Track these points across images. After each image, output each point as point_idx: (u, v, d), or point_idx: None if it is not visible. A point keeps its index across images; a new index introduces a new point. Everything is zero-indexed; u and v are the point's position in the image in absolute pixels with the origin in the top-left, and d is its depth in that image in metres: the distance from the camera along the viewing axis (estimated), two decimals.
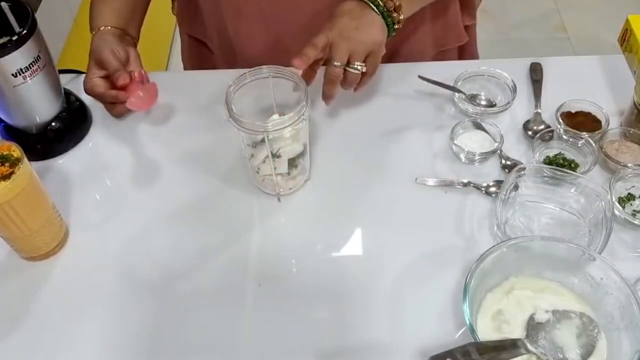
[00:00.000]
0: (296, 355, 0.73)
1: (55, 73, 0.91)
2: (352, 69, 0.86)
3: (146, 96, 0.91)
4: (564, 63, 1.05)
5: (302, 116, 0.76)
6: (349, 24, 0.85)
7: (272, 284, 0.78)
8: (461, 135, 0.92)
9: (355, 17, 0.87)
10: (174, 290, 0.78)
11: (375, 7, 0.87)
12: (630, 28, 0.97)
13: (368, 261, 0.80)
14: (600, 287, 0.70)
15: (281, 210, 0.86)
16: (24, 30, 0.81)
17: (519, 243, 0.72)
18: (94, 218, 0.86)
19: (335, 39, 0.85)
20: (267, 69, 0.80)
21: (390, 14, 0.88)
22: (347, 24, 0.85)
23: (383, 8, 0.87)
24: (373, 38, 0.86)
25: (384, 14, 0.87)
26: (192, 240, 0.83)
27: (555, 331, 0.68)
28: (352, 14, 0.87)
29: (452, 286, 0.77)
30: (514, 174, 0.82)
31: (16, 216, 0.74)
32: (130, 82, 0.90)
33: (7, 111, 0.90)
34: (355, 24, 0.86)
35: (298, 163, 0.83)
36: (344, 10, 0.87)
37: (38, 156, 0.92)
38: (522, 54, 1.06)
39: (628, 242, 0.81)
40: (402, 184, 0.87)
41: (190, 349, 0.73)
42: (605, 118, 0.91)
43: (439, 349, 0.64)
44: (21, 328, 0.76)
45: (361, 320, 0.75)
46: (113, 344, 0.74)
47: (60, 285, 0.80)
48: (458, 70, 0.99)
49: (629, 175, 0.85)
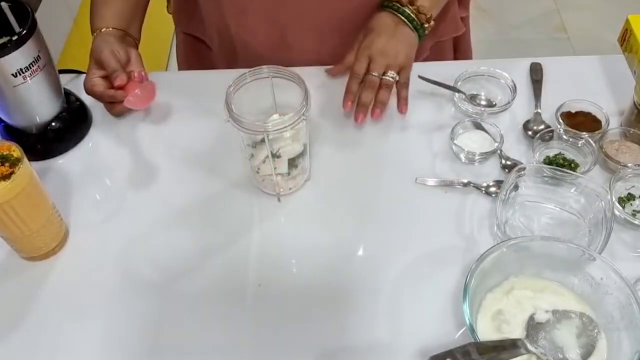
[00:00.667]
0: (296, 355, 0.73)
1: (55, 73, 0.91)
2: (387, 77, 0.93)
3: (144, 94, 0.91)
4: (564, 63, 1.05)
5: (302, 116, 0.76)
6: (386, 42, 0.94)
7: (272, 284, 0.78)
8: (461, 135, 0.92)
9: (391, 33, 0.95)
10: (174, 290, 0.78)
11: (410, 23, 0.95)
12: (630, 28, 0.97)
13: (368, 261, 0.80)
14: (600, 287, 0.70)
15: (281, 210, 0.86)
16: (24, 30, 0.81)
17: (519, 243, 0.72)
18: (94, 218, 0.86)
19: (374, 56, 0.93)
20: (267, 69, 0.80)
21: (422, 26, 0.96)
22: (384, 42, 0.94)
23: (417, 23, 0.95)
24: (407, 54, 0.94)
25: (417, 28, 0.95)
26: (192, 240, 0.83)
27: (555, 331, 0.68)
28: (388, 30, 0.95)
29: (452, 286, 0.77)
30: (514, 174, 0.82)
31: (16, 216, 0.74)
32: (129, 82, 0.90)
33: (7, 111, 0.90)
34: (392, 43, 0.94)
35: (298, 163, 0.83)
36: (380, 26, 0.95)
37: (38, 156, 0.92)
38: (522, 54, 1.06)
39: (628, 242, 0.81)
40: (402, 184, 0.87)
41: (190, 348, 0.73)
42: (605, 118, 0.91)
43: (439, 349, 0.64)
44: (21, 328, 0.76)
45: (361, 320, 0.75)
46: (113, 344, 0.74)
47: (60, 285, 0.79)
48: (458, 70, 0.99)
49: (629, 175, 0.85)
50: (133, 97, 0.90)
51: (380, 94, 0.93)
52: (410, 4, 0.96)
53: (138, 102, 0.91)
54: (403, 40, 0.95)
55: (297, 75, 0.79)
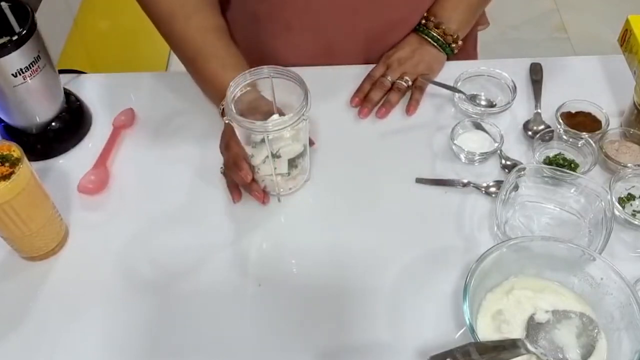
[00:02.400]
0: (296, 355, 0.73)
1: (55, 73, 0.91)
2: (401, 81, 0.96)
3: (97, 180, 0.89)
4: (564, 63, 1.05)
5: (302, 116, 0.76)
6: (407, 54, 0.98)
7: (272, 284, 0.78)
8: (461, 135, 0.92)
9: (414, 48, 0.99)
10: (174, 290, 0.78)
11: (435, 42, 0.99)
12: (630, 28, 0.97)
13: (368, 261, 0.80)
14: (600, 287, 0.70)
15: (281, 210, 0.86)
16: (24, 30, 0.81)
17: (519, 243, 0.72)
18: (94, 218, 0.86)
19: (392, 63, 0.97)
20: (267, 69, 0.80)
21: (449, 45, 0.99)
22: (405, 54, 0.98)
23: (442, 42, 0.98)
24: (428, 65, 0.99)
25: (443, 47, 0.98)
26: (192, 240, 0.83)
27: (555, 331, 0.68)
28: (412, 45, 1.00)
29: (452, 286, 0.77)
30: (514, 174, 0.82)
31: (16, 216, 0.74)
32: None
33: (7, 111, 0.90)
34: (413, 55, 0.98)
35: (298, 163, 0.83)
36: (405, 42, 1.00)
37: (38, 156, 0.92)
38: (522, 54, 1.06)
39: (628, 242, 0.81)
40: (402, 184, 0.88)
41: (190, 348, 0.73)
42: (605, 118, 0.91)
43: (439, 349, 0.64)
44: (21, 328, 0.76)
45: (361, 320, 0.75)
46: (113, 344, 0.74)
47: (60, 285, 0.79)
48: (458, 70, 0.99)
49: (629, 176, 0.85)
50: (86, 182, 0.88)
51: (390, 94, 0.96)
52: (436, 27, 0.99)
53: (92, 188, 0.88)
54: (426, 54, 0.99)
55: (297, 75, 0.79)
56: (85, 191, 0.88)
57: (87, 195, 0.88)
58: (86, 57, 1.91)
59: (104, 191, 0.89)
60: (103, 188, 0.89)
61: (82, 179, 0.89)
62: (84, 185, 0.88)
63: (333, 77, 1.02)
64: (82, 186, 0.88)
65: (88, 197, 0.88)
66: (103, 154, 0.92)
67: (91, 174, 0.90)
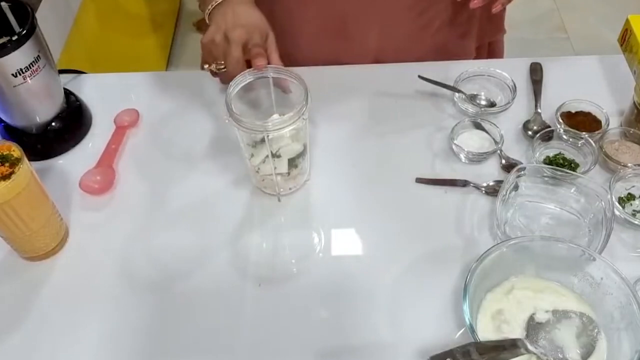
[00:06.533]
0: (296, 355, 0.73)
1: (55, 73, 0.91)
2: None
3: (103, 180, 0.89)
4: (564, 63, 1.05)
5: (302, 116, 0.76)
6: None
7: (272, 284, 0.78)
8: (461, 135, 0.92)
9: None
10: (174, 290, 0.78)
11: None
12: (630, 28, 0.97)
13: (368, 261, 0.80)
14: (600, 287, 0.70)
15: (281, 210, 0.86)
16: (24, 30, 0.81)
17: (519, 243, 0.72)
18: (94, 218, 0.86)
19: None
20: (267, 69, 0.80)
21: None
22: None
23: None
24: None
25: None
26: (192, 240, 0.83)
27: (555, 331, 0.68)
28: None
29: (452, 286, 0.77)
30: (514, 174, 0.82)
31: (16, 216, 0.74)
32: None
33: (7, 111, 0.90)
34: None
35: (298, 163, 0.83)
36: None
37: (38, 156, 0.92)
38: (522, 54, 1.06)
39: (628, 242, 0.81)
40: (402, 184, 0.88)
41: (190, 349, 0.73)
42: (605, 118, 0.91)
43: (439, 349, 0.64)
44: (21, 328, 0.76)
45: (361, 320, 0.75)
46: (113, 344, 0.74)
47: (60, 285, 0.80)
48: (458, 70, 0.99)
49: (629, 175, 0.85)
50: (91, 182, 0.88)
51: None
52: None
53: (97, 188, 0.89)
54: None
55: (297, 75, 0.79)
56: (89, 190, 0.88)
57: (89, 195, 0.88)
58: (86, 57, 1.91)
59: (103, 192, 0.89)
60: (109, 188, 0.89)
61: (85, 178, 0.89)
62: (89, 185, 0.88)
63: (334, 77, 1.02)
64: (85, 185, 0.88)
65: (88, 196, 0.88)
66: (108, 154, 0.92)
67: (96, 174, 0.89)
